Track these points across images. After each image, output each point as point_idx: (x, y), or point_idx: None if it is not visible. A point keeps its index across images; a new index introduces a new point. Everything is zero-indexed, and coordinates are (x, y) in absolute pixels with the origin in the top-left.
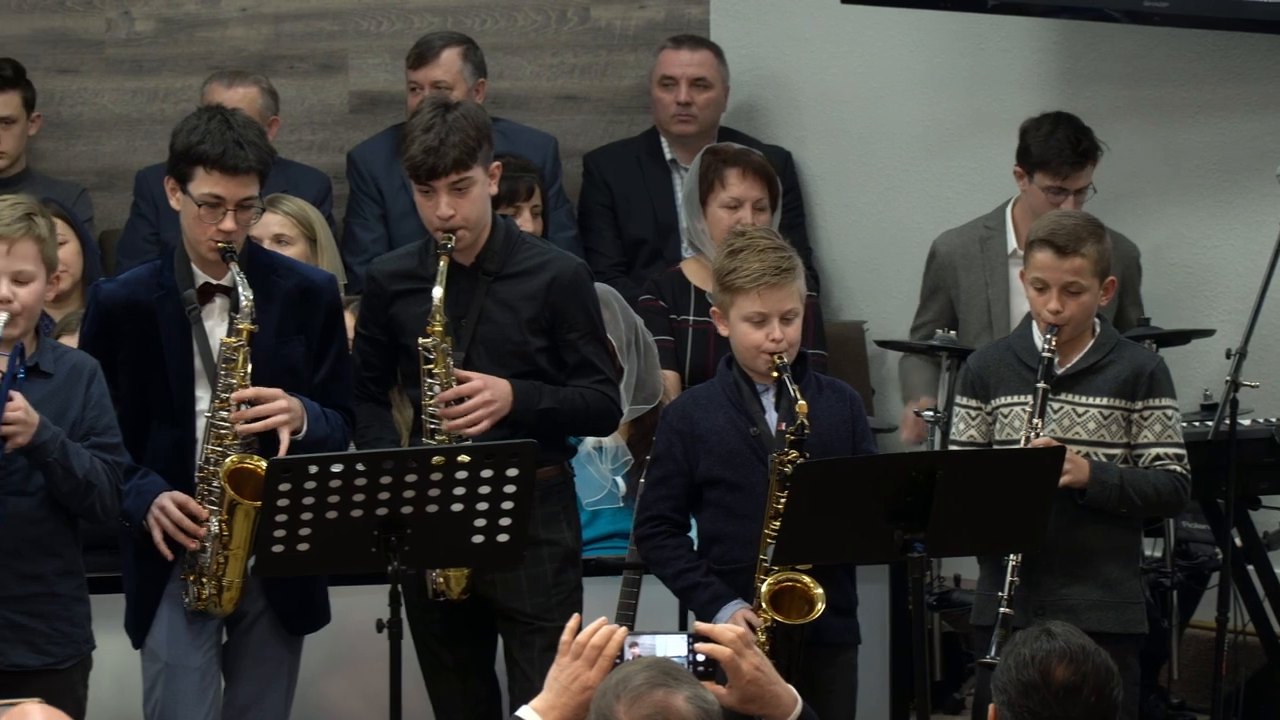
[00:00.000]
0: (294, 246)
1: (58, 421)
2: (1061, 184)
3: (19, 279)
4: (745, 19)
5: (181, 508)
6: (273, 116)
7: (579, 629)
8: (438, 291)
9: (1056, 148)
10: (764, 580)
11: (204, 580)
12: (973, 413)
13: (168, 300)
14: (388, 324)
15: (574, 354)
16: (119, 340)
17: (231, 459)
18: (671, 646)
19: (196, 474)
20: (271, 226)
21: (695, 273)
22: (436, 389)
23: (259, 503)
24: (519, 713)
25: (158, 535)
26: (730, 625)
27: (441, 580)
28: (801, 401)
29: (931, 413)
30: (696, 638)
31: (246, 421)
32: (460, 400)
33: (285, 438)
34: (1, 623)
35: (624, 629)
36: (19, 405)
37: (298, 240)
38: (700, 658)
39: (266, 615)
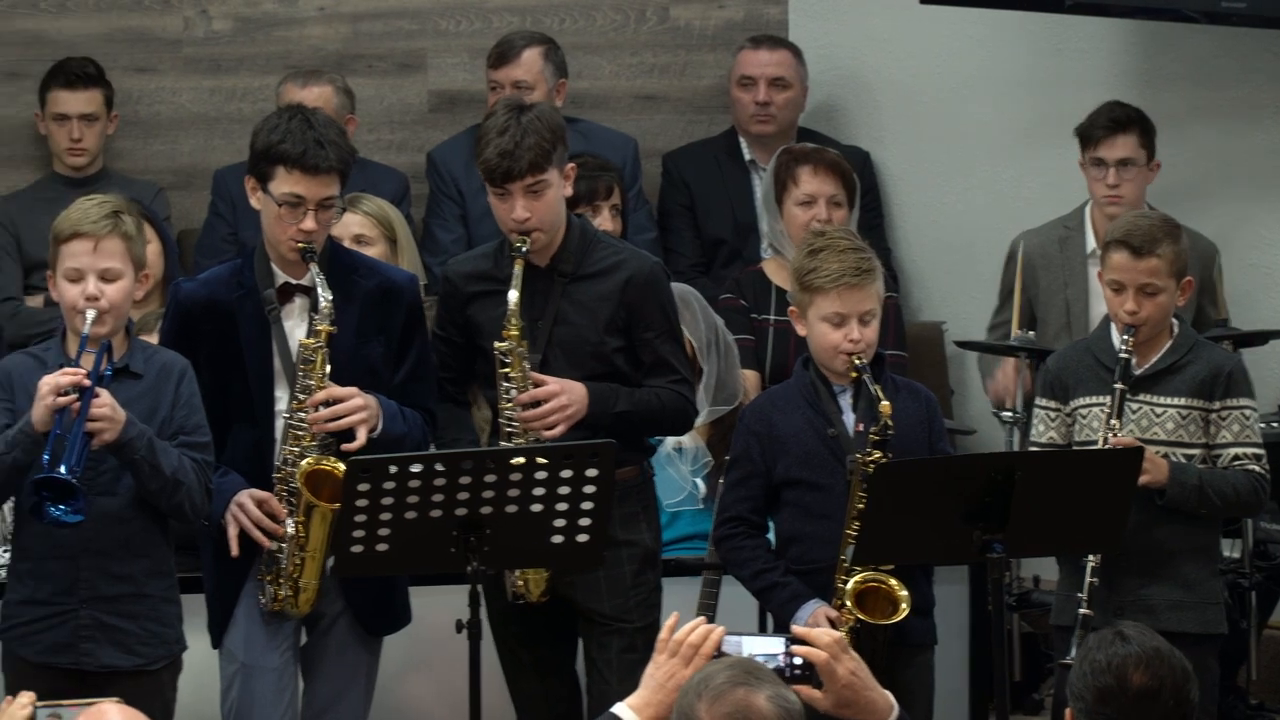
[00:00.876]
0: (374, 247)
1: (147, 422)
2: (1097, 153)
3: (106, 276)
4: (824, 19)
5: (261, 505)
6: (349, 116)
7: (676, 627)
8: (513, 295)
9: (1092, 118)
10: (845, 580)
11: (280, 581)
12: (1052, 414)
13: (248, 300)
14: (464, 325)
15: (650, 353)
16: (198, 340)
17: (308, 460)
18: (760, 647)
19: (274, 475)
20: (351, 227)
21: (776, 272)
22: (513, 392)
23: (336, 505)
24: (614, 709)
25: (233, 532)
26: (827, 629)
27: (521, 583)
28: (885, 402)
29: (1010, 414)
30: (793, 640)
31: (324, 421)
32: (536, 404)
33: (362, 435)
34: (91, 623)
35: (722, 628)
36: (105, 402)
37: (378, 241)
38: (797, 661)
39: (345, 616)
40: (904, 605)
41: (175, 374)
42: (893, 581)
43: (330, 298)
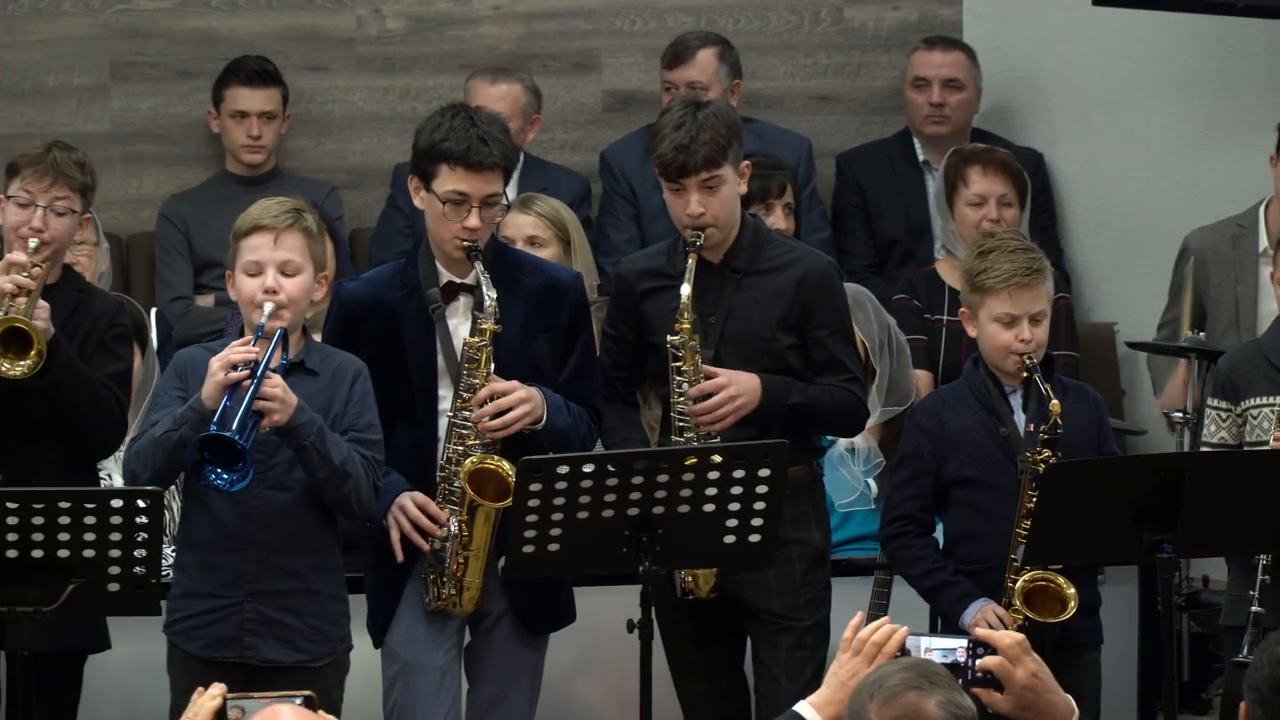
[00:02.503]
0: (547, 249)
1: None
2: None
3: (285, 270)
4: (997, 20)
5: (421, 508)
6: (535, 115)
7: (862, 626)
8: (686, 289)
9: None
10: (1015, 580)
11: (444, 580)
12: (1223, 414)
13: (411, 298)
14: (636, 323)
15: (823, 351)
16: (362, 339)
17: (473, 459)
18: (943, 647)
19: (438, 474)
20: (525, 228)
21: (949, 273)
22: (685, 386)
23: (499, 504)
24: (796, 708)
25: (395, 536)
26: (1009, 631)
27: (690, 579)
28: (1055, 401)
29: (1181, 414)
30: (977, 644)
31: (489, 418)
32: (707, 396)
33: (520, 425)
34: (256, 617)
35: (905, 629)
36: (277, 383)
37: (551, 242)
38: (978, 661)
39: (509, 615)
40: (1072, 604)
41: (350, 374)
42: (1061, 580)
43: (495, 296)
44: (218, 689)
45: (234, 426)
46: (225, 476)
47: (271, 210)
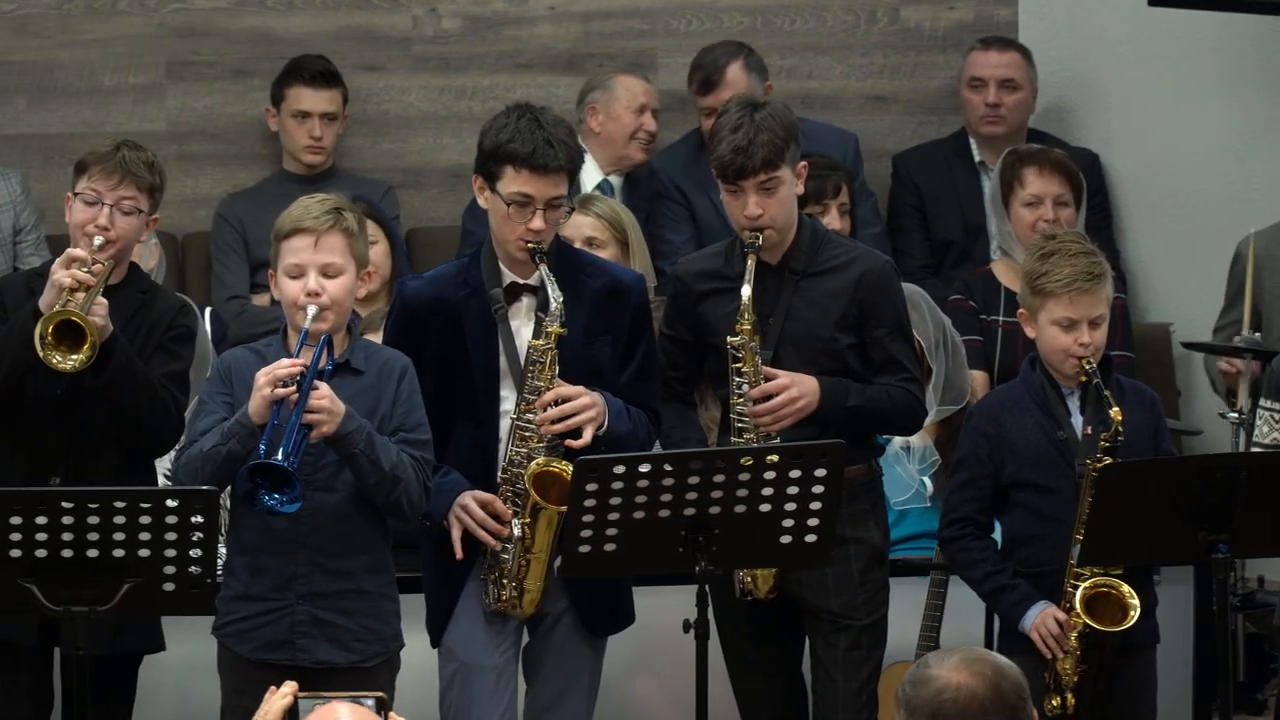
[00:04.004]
0: (606, 250)
1: (367, 419)
2: None
3: (328, 272)
4: (1053, 21)
5: (485, 507)
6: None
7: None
8: (746, 290)
9: None
10: (1075, 584)
11: (504, 582)
12: (1276, 416)
13: (474, 299)
14: (694, 324)
15: (880, 351)
16: (423, 338)
17: (538, 462)
18: None
19: (500, 475)
20: (583, 229)
21: (1005, 273)
22: (745, 387)
23: (563, 508)
24: None
25: (456, 533)
26: None
27: (749, 580)
28: (1117, 409)
29: (1236, 415)
30: None
31: (552, 421)
32: (768, 398)
33: (588, 434)
34: (308, 619)
35: None
36: (324, 394)
37: (609, 244)
38: None
39: (568, 616)
40: (1133, 613)
41: (396, 372)
42: (1124, 588)
43: (561, 298)
44: (289, 687)
45: (281, 454)
46: (277, 497)
47: (312, 211)
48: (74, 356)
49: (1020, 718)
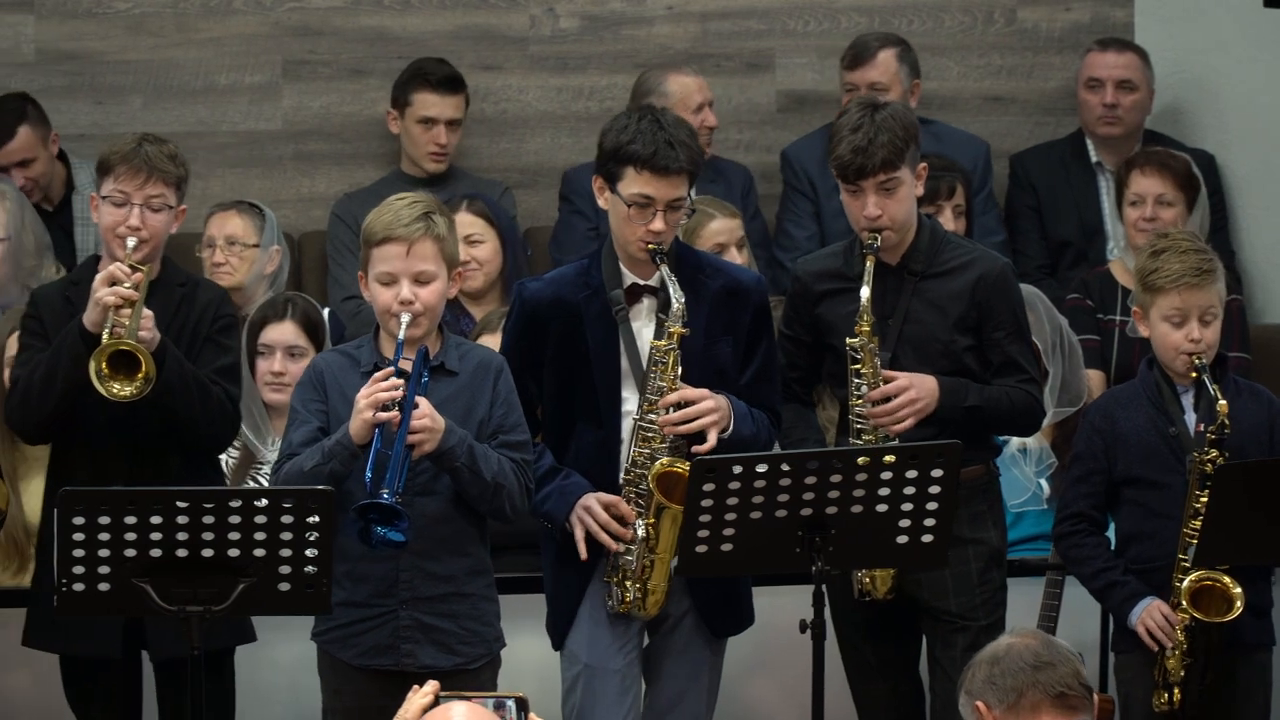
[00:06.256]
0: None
1: (464, 421)
2: None
3: (420, 279)
4: (1169, 22)
5: (608, 508)
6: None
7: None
8: (865, 291)
9: None
10: (1183, 579)
11: (628, 584)
12: None
13: (594, 300)
14: (813, 324)
15: (999, 353)
16: (544, 339)
17: (661, 462)
18: None
19: (623, 476)
20: (719, 236)
21: (1122, 273)
22: (864, 388)
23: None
24: None
25: (579, 535)
26: None
27: (868, 581)
28: (1223, 401)
29: None
30: None
31: (675, 424)
32: (887, 399)
33: (712, 437)
34: (411, 624)
35: None
36: (425, 413)
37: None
38: None
39: (690, 616)
40: (1238, 604)
41: (492, 371)
42: (1227, 580)
43: (682, 299)
44: (430, 686)
45: (388, 494)
46: (388, 529)
47: (403, 219)
48: (131, 385)
49: (1073, 669)
